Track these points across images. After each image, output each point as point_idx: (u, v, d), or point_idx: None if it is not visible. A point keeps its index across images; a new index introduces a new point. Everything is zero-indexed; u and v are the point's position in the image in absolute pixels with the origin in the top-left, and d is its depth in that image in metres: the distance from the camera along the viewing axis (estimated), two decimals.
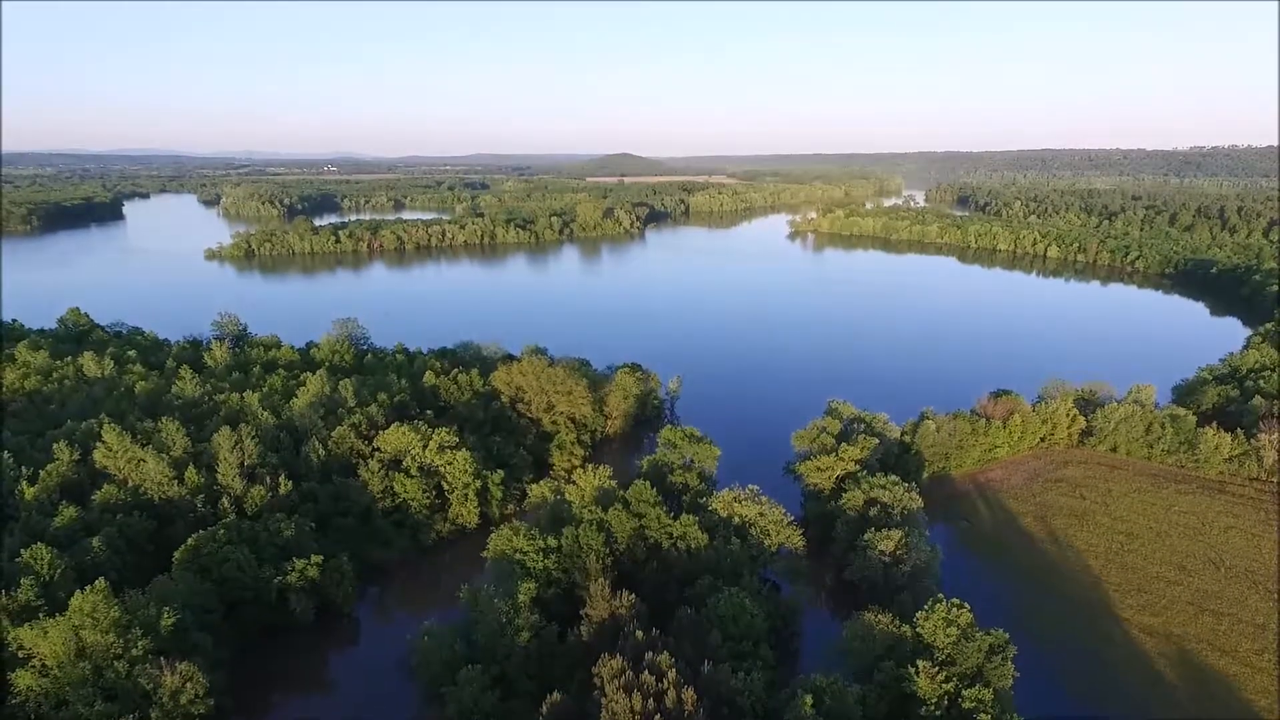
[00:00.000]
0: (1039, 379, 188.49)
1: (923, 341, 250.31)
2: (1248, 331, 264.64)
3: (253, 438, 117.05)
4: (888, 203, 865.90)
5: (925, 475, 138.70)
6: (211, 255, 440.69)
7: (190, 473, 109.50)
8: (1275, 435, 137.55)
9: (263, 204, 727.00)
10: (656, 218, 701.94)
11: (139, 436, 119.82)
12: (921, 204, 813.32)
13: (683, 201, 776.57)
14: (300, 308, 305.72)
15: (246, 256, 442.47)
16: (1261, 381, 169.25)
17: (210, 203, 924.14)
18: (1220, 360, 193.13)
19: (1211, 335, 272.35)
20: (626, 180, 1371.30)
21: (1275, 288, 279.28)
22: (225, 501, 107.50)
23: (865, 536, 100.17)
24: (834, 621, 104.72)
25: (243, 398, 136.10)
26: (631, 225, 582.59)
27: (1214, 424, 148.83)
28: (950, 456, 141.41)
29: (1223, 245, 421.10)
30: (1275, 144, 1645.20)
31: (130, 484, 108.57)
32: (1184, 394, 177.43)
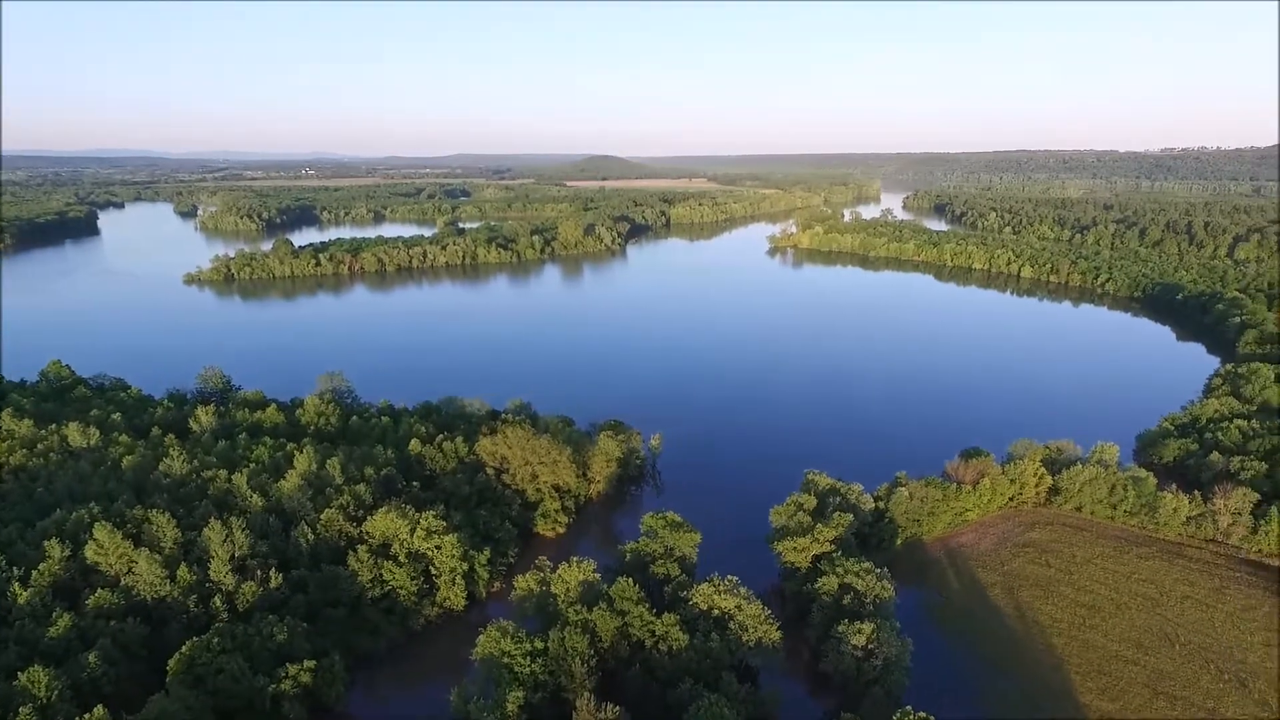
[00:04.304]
0: (1009, 424, 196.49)
1: (896, 374, 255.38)
2: (1213, 360, 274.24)
3: (243, 529, 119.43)
4: (866, 210, 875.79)
5: (898, 542, 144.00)
6: (190, 279, 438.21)
7: (182, 570, 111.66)
8: (1229, 500, 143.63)
9: (241, 218, 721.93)
10: (638, 231, 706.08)
11: (129, 525, 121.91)
12: (899, 213, 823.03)
13: (663, 214, 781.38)
14: (282, 341, 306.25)
15: (226, 280, 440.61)
16: (1220, 434, 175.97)
17: (187, 214, 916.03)
18: (1181, 408, 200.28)
19: (1177, 363, 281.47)
20: (607, 185, 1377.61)
21: (1237, 319, 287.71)
22: (218, 600, 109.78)
23: (839, 628, 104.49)
24: (810, 701, 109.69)
25: (231, 479, 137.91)
26: (613, 242, 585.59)
27: (1174, 485, 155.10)
28: (922, 522, 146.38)
29: (1189, 267, 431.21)
30: (1243, 146, 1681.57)
31: (122, 583, 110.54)
32: (1147, 445, 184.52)
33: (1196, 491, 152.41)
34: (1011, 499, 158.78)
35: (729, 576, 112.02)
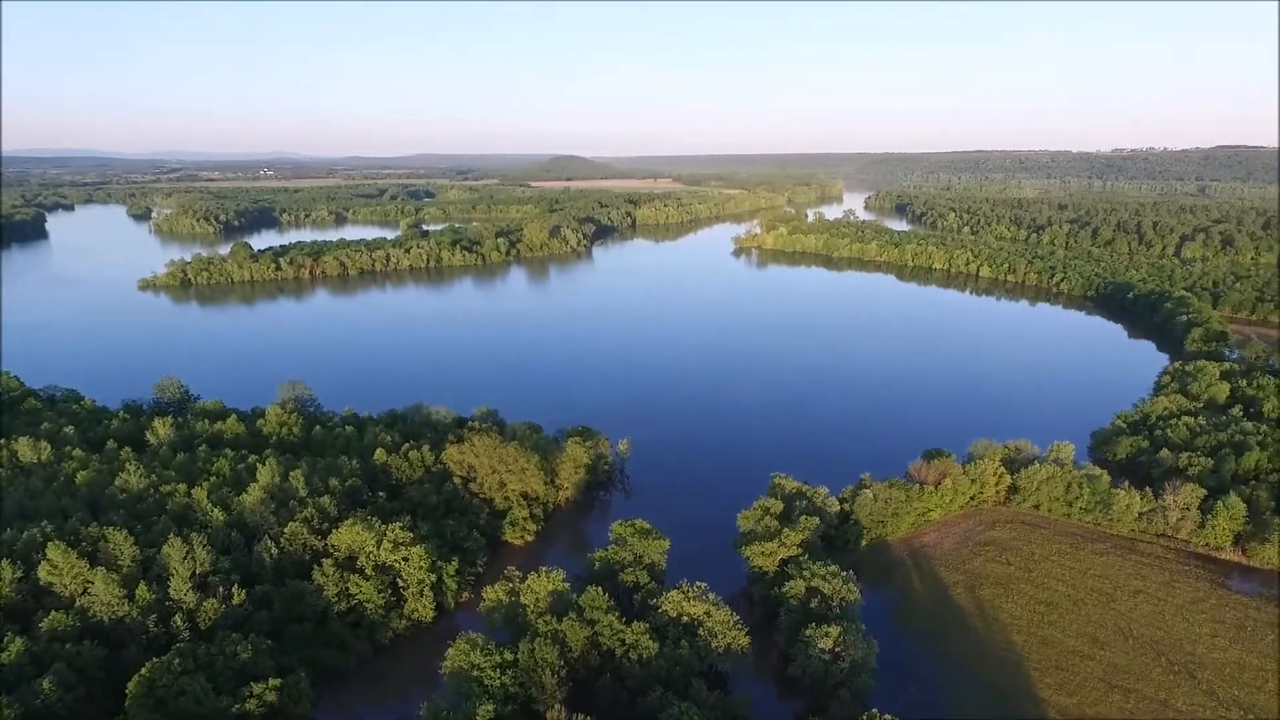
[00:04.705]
0: (970, 423, 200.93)
1: (860, 375, 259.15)
2: (1162, 357, 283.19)
3: (204, 545, 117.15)
4: (829, 210, 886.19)
5: (863, 543, 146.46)
6: (145, 285, 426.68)
7: (141, 589, 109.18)
8: (1178, 496, 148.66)
9: (197, 221, 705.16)
10: (604, 232, 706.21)
11: (84, 543, 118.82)
12: (861, 213, 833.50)
13: (629, 215, 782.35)
14: (242, 348, 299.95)
15: (182, 286, 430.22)
16: (1169, 431, 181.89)
17: (141, 216, 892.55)
18: (1133, 406, 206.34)
19: (1129, 361, 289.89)
20: (572, 185, 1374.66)
21: (1184, 318, 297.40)
22: (178, 619, 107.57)
23: (807, 632, 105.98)
24: (779, 704, 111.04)
25: (190, 493, 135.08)
26: (578, 244, 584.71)
27: (1127, 482, 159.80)
28: (887, 523, 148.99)
29: (1139, 266, 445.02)
30: (1189, 148, 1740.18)
31: (78, 604, 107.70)
32: (1100, 442, 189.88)
33: (1148, 488, 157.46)
34: (972, 498, 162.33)
35: (698, 583, 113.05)
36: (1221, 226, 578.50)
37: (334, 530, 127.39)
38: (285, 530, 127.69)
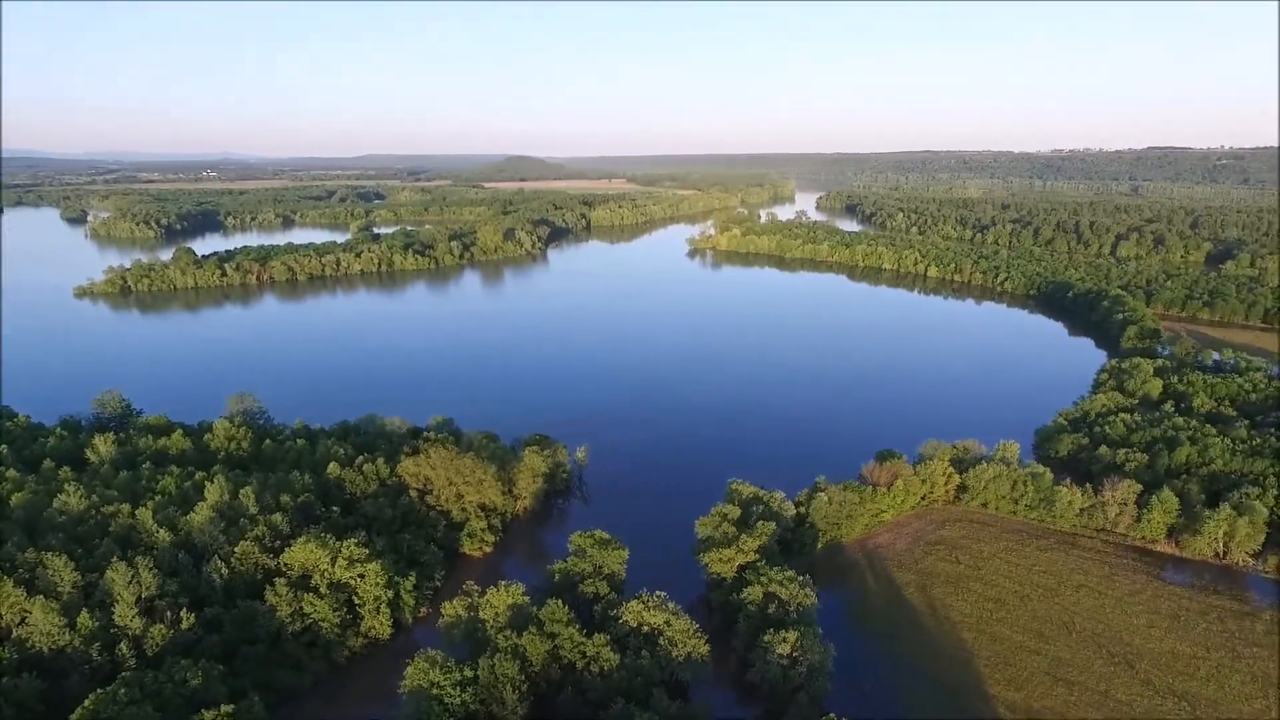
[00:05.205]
0: (920, 423, 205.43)
1: (813, 377, 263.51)
2: (1100, 354, 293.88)
3: (150, 568, 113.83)
4: (781, 210, 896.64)
5: (819, 546, 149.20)
6: (82, 293, 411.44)
7: (83, 617, 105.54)
8: (1116, 491, 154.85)
9: (137, 225, 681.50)
10: (558, 234, 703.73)
11: (21, 570, 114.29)
12: (813, 214, 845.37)
13: (584, 216, 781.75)
14: (187, 358, 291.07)
15: (122, 293, 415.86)
16: (1107, 428, 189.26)
17: (76, 220, 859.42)
18: (1074, 404, 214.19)
19: (1070, 358, 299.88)
20: (526, 186, 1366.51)
21: (1120, 316, 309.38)
22: (124, 647, 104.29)
23: (765, 638, 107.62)
24: (738, 710, 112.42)
25: (134, 513, 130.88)
26: (533, 246, 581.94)
27: (1069, 479, 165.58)
28: (841, 525, 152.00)
29: (1078, 265, 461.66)
30: (1123, 149, 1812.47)
31: (15, 635, 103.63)
32: (1043, 440, 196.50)
33: (1088, 484, 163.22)
34: (923, 498, 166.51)
35: (657, 592, 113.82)
36: (1153, 226, 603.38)
37: (287, 548, 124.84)
38: (235, 550, 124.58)
